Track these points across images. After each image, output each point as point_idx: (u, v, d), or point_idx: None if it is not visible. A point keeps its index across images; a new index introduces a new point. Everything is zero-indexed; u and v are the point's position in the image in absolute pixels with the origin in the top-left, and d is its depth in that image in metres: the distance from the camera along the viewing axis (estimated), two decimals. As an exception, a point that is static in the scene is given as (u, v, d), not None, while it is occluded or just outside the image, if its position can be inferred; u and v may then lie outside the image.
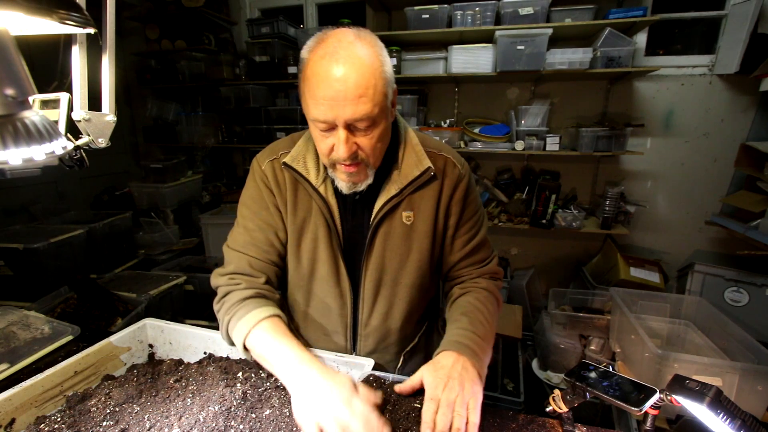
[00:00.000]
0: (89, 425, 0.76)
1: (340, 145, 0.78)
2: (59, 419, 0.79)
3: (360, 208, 0.94)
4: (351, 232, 0.95)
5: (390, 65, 0.80)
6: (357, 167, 0.83)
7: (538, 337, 2.27)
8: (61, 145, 0.61)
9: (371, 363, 0.87)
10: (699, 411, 0.61)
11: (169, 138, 3.53)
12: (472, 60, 2.65)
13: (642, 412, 0.67)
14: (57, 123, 0.68)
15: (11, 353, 1.05)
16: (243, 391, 0.83)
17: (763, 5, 2.29)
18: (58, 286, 1.75)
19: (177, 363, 0.97)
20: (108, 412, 0.79)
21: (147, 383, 0.88)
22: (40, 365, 1.03)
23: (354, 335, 1.03)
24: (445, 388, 0.74)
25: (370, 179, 0.88)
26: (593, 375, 0.74)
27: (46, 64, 0.71)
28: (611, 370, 0.75)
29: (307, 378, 0.72)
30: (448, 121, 3.03)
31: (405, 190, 0.91)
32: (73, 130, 0.72)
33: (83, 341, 1.12)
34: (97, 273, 2.28)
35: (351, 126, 0.77)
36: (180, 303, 2.19)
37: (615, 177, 2.96)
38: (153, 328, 1.03)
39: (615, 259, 2.65)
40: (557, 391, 0.79)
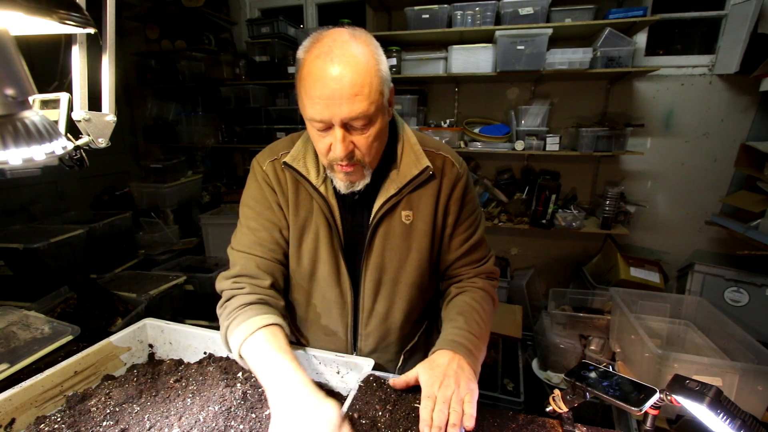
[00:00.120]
0: (89, 425, 0.76)
1: (336, 144, 0.78)
2: (59, 419, 0.79)
3: (359, 207, 0.94)
4: (351, 231, 0.95)
5: (386, 64, 0.79)
6: (353, 167, 0.83)
7: (538, 337, 2.27)
8: (61, 145, 0.61)
9: (371, 363, 0.87)
10: (699, 411, 0.62)
11: (169, 138, 3.52)
12: (472, 60, 2.65)
13: (642, 412, 0.67)
14: (57, 123, 0.68)
15: (11, 353, 1.05)
16: (243, 391, 0.83)
17: (763, 5, 2.29)
18: (58, 286, 1.75)
19: (177, 363, 0.97)
20: (108, 412, 0.80)
21: (147, 383, 0.89)
22: (40, 365, 1.03)
23: (354, 334, 1.03)
24: (441, 385, 0.74)
25: (367, 179, 0.88)
26: (593, 375, 0.74)
27: (46, 64, 0.71)
28: (611, 370, 0.75)
29: (291, 404, 0.66)
30: (448, 121, 3.03)
31: (404, 189, 0.91)
32: (73, 130, 0.72)
33: (83, 341, 1.12)
34: (97, 273, 2.28)
35: (347, 125, 0.77)
36: (180, 303, 2.19)
37: (615, 177, 2.96)
38: (153, 328, 1.03)
39: (615, 259, 2.64)
40: (557, 391, 0.79)
